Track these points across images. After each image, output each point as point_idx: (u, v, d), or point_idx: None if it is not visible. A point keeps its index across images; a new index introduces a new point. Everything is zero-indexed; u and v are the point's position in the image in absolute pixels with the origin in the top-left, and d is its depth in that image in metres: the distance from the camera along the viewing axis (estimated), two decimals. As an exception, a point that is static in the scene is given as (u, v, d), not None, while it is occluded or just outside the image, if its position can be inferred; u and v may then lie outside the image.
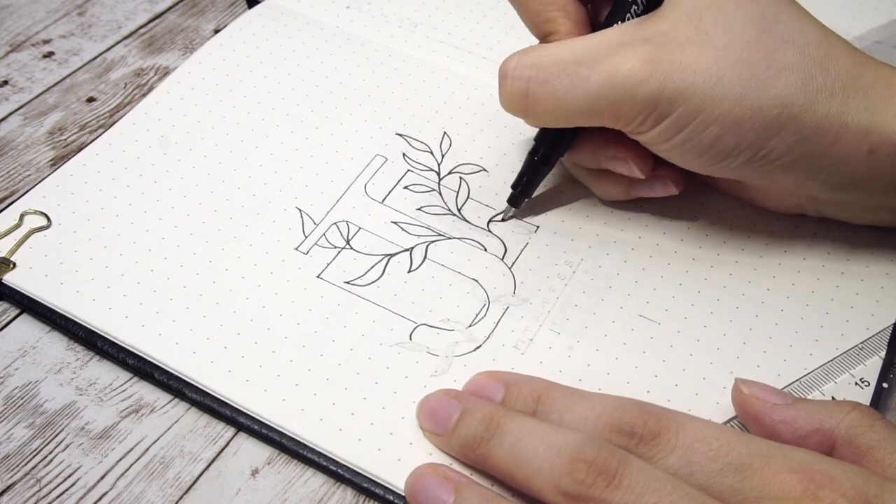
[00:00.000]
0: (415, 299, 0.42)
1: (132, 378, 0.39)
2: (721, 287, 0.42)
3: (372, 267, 0.43)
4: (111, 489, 0.36)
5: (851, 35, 0.54)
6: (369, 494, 0.36)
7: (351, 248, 0.43)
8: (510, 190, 0.46)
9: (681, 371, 0.39)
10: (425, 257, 0.43)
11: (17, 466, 0.36)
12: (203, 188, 0.45)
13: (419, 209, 0.45)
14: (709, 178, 0.45)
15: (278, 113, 0.49)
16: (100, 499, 0.36)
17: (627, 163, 0.42)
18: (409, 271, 0.43)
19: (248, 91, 0.50)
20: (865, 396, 0.38)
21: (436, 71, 0.52)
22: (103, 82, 0.52)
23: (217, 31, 0.54)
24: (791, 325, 0.41)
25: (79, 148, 0.47)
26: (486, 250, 0.44)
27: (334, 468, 0.36)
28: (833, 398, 0.38)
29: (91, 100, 0.51)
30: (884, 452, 0.32)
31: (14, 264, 0.42)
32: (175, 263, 0.42)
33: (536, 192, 0.46)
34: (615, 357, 0.40)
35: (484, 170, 0.47)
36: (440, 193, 0.46)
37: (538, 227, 0.45)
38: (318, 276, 0.42)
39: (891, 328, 0.41)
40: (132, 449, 0.37)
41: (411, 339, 0.40)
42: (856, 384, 0.39)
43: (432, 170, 0.47)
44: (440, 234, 0.44)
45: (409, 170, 0.47)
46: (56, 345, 0.40)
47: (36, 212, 0.44)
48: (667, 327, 0.41)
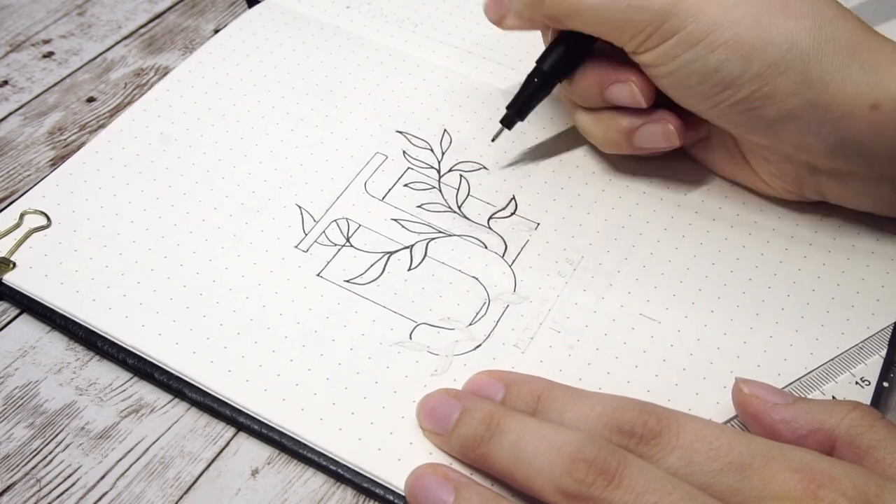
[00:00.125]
0: (415, 298, 0.42)
1: (132, 378, 0.39)
2: (722, 285, 0.42)
3: (372, 265, 0.43)
4: (111, 489, 0.36)
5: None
6: (369, 494, 0.36)
7: (351, 246, 0.43)
8: (510, 189, 0.46)
9: (681, 370, 0.39)
10: (425, 255, 0.43)
11: (17, 466, 0.36)
12: (203, 185, 0.45)
13: (419, 206, 0.45)
14: (706, 158, 0.46)
15: (278, 111, 0.49)
16: (100, 499, 0.36)
17: (631, 88, 0.43)
18: (410, 269, 0.43)
19: (248, 89, 0.50)
20: (866, 396, 0.38)
21: (436, 70, 0.52)
22: (103, 82, 0.52)
23: (217, 31, 0.54)
24: (792, 324, 0.41)
25: (79, 148, 0.47)
26: (487, 247, 0.44)
27: (334, 468, 0.36)
28: (833, 397, 0.38)
29: (91, 100, 0.51)
30: (884, 452, 0.32)
31: (14, 264, 0.42)
32: (175, 262, 0.42)
33: (538, 189, 0.46)
34: (615, 356, 0.40)
35: (484, 168, 0.47)
36: (440, 191, 0.46)
37: (539, 225, 0.45)
38: (318, 275, 0.42)
39: (891, 327, 0.41)
40: (132, 449, 0.37)
41: (411, 339, 0.40)
42: (856, 383, 0.39)
43: (432, 167, 0.47)
44: (440, 232, 0.44)
45: (410, 167, 0.47)
46: (56, 345, 0.40)
47: (36, 211, 0.44)
48: (667, 326, 0.41)
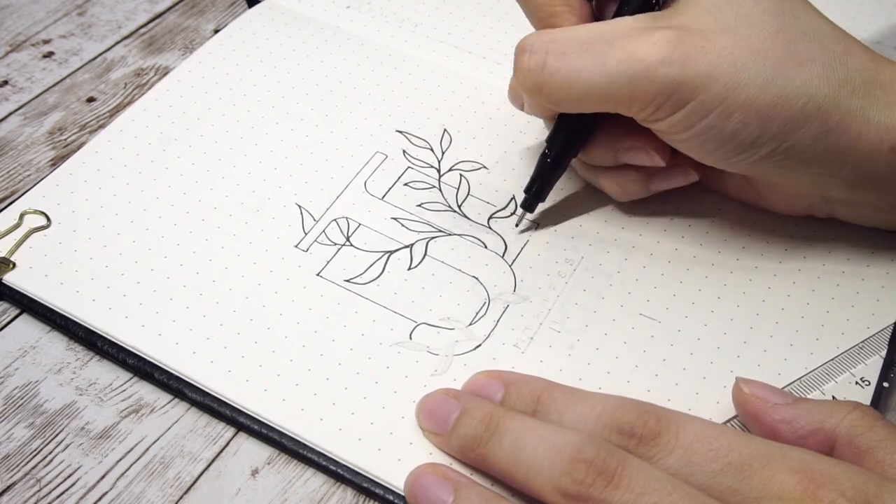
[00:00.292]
0: (415, 298, 0.41)
1: (132, 378, 0.39)
2: (722, 285, 0.42)
3: (372, 264, 0.43)
4: (111, 489, 0.36)
5: (851, 35, 0.54)
6: (369, 494, 0.36)
7: (351, 245, 0.43)
8: (510, 188, 0.46)
9: (681, 370, 0.39)
10: (425, 254, 0.43)
11: (17, 466, 0.36)
12: (203, 185, 0.45)
13: (419, 206, 0.45)
14: (716, 183, 0.45)
15: (278, 110, 0.49)
16: (100, 499, 0.36)
17: (647, 151, 0.41)
18: (410, 268, 0.43)
19: (248, 89, 0.50)
20: (866, 396, 0.38)
21: (436, 70, 0.52)
22: (103, 82, 0.52)
23: (217, 31, 0.54)
24: (792, 324, 0.41)
25: (79, 148, 0.47)
26: (487, 247, 0.44)
27: (334, 468, 0.36)
28: (834, 397, 0.38)
29: (91, 100, 0.51)
30: (884, 453, 0.32)
31: (14, 264, 0.42)
32: (175, 262, 0.42)
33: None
34: (616, 356, 0.40)
35: (484, 167, 0.47)
36: (440, 190, 0.46)
37: (538, 225, 0.45)
38: (318, 275, 0.42)
39: (891, 327, 0.41)
40: (132, 449, 0.37)
41: (411, 339, 0.40)
42: (856, 383, 0.39)
43: (432, 167, 0.47)
44: (440, 231, 0.44)
45: (410, 167, 0.47)
46: (56, 345, 0.40)
47: (36, 211, 0.44)
48: (667, 326, 0.41)
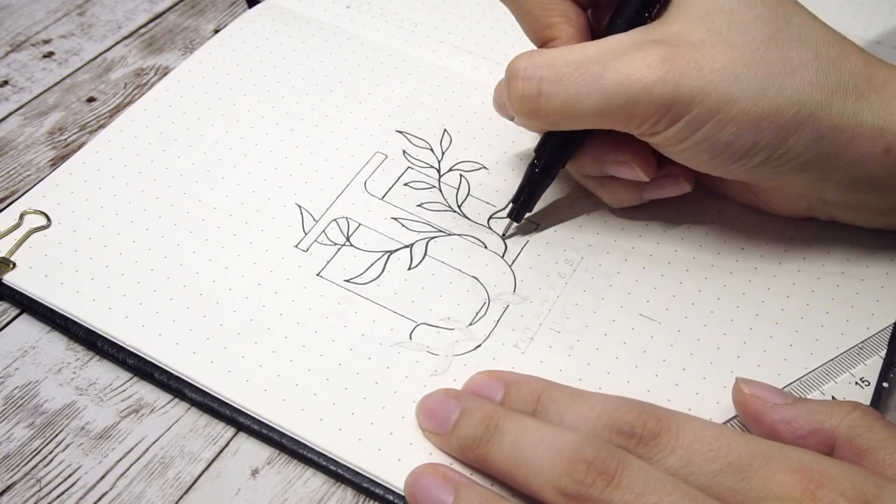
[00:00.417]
0: (415, 298, 0.42)
1: (132, 378, 0.39)
2: (721, 286, 0.42)
3: (372, 264, 0.43)
4: (111, 489, 0.36)
5: (851, 36, 0.53)
6: (369, 494, 0.36)
7: (351, 245, 0.43)
8: (510, 189, 0.46)
9: (681, 370, 0.39)
10: (425, 254, 0.43)
11: (17, 466, 0.37)
12: (203, 185, 0.45)
13: (419, 206, 0.45)
14: (716, 187, 0.45)
15: (278, 111, 0.49)
16: (100, 499, 0.36)
17: (631, 166, 0.41)
18: (409, 268, 0.43)
19: (248, 89, 0.50)
20: (866, 396, 0.38)
21: (436, 70, 0.52)
22: (103, 82, 0.52)
23: (217, 31, 0.54)
24: (791, 325, 0.41)
25: (79, 148, 0.47)
26: (487, 247, 0.44)
27: (334, 468, 0.36)
28: (833, 398, 0.38)
29: (91, 100, 0.51)
30: (884, 453, 0.32)
31: (14, 264, 0.42)
32: (175, 262, 0.42)
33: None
34: (615, 356, 0.40)
35: (484, 167, 0.47)
36: (440, 190, 0.46)
37: (538, 225, 0.45)
38: (318, 275, 0.42)
39: (891, 328, 0.41)
40: (132, 449, 0.37)
41: (411, 339, 0.40)
42: (856, 384, 0.39)
43: (432, 167, 0.47)
44: (440, 231, 0.44)
45: (410, 167, 0.47)
46: (56, 345, 0.40)
47: (36, 211, 0.44)
48: (667, 326, 0.41)
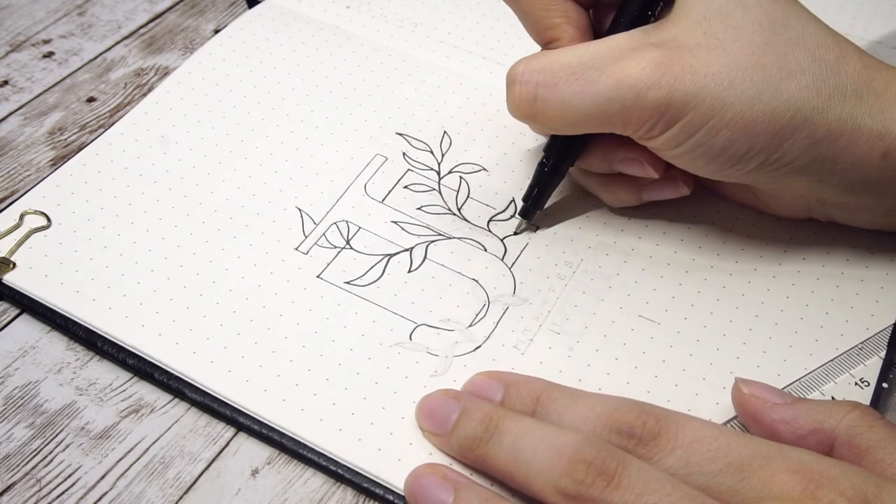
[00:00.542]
0: (415, 299, 0.42)
1: (132, 378, 0.39)
2: (721, 287, 0.42)
3: (372, 267, 0.43)
4: (111, 489, 0.36)
5: (851, 36, 0.54)
6: (369, 494, 0.36)
7: (351, 248, 0.43)
8: (510, 191, 0.46)
9: (680, 371, 0.39)
10: (425, 257, 0.43)
11: (17, 466, 0.37)
12: (203, 188, 0.45)
13: (419, 209, 0.45)
14: (716, 187, 0.45)
15: (278, 113, 0.49)
16: (100, 499, 0.36)
17: (641, 163, 0.41)
18: (409, 271, 0.43)
19: (248, 91, 0.50)
20: (865, 396, 0.38)
21: (436, 71, 0.52)
22: (103, 82, 0.52)
23: (217, 31, 0.54)
24: (791, 326, 0.41)
25: (79, 148, 0.47)
26: (486, 250, 0.44)
27: (334, 468, 0.36)
28: (833, 398, 0.38)
29: (91, 100, 0.51)
30: (883, 452, 0.32)
31: (14, 264, 0.42)
32: (175, 263, 0.42)
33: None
34: (615, 357, 0.40)
35: (484, 169, 0.47)
36: (440, 193, 0.46)
37: (538, 228, 0.45)
38: (318, 277, 0.42)
39: (890, 328, 0.41)
40: (132, 449, 0.37)
41: (411, 340, 0.40)
42: (856, 384, 0.39)
43: (432, 169, 0.47)
44: (440, 234, 0.44)
45: (410, 169, 0.47)
46: (56, 345, 0.40)
47: (36, 212, 0.44)
48: (666, 328, 0.41)
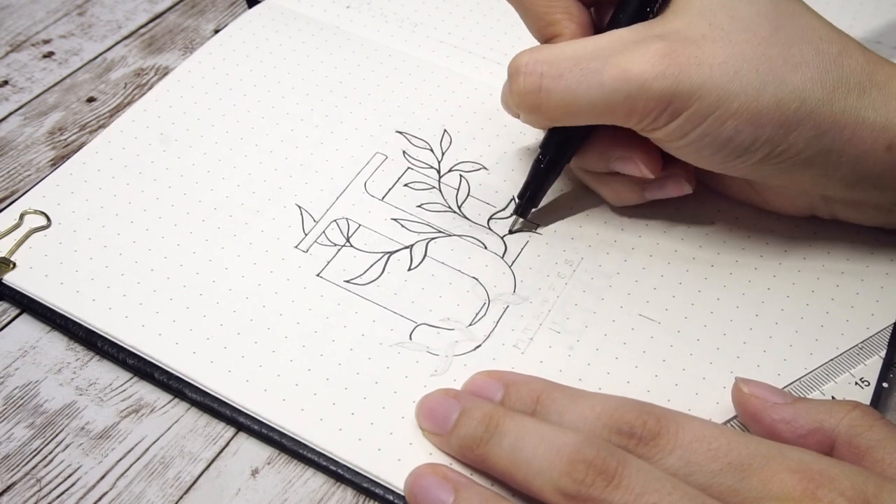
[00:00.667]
0: (415, 298, 0.42)
1: (132, 378, 0.39)
2: (721, 286, 0.42)
3: (372, 265, 0.43)
4: (111, 489, 0.36)
5: (851, 35, 0.54)
6: (369, 494, 0.36)
7: (351, 246, 0.43)
8: (510, 189, 0.46)
9: (681, 370, 0.39)
10: (425, 255, 0.43)
11: (17, 466, 0.37)
12: (203, 186, 0.45)
13: (419, 206, 0.45)
14: (718, 185, 0.45)
15: (278, 111, 0.49)
16: (100, 499, 0.36)
17: (636, 162, 0.41)
18: (409, 269, 0.43)
19: (248, 89, 0.50)
20: (865, 396, 0.38)
21: (436, 70, 0.52)
22: (103, 82, 0.52)
23: (217, 31, 0.54)
24: (791, 325, 0.41)
25: (79, 148, 0.47)
26: (487, 248, 0.44)
27: (334, 468, 0.36)
28: (833, 398, 0.38)
29: (91, 100, 0.51)
30: (883, 452, 0.32)
31: (14, 264, 0.42)
32: (175, 262, 0.42)
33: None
34: (615, 356, 0.40)
35: (484, 168, 0.47)
36: (440, 191, 0.46)
37: (538, 226, 0.45)
38: (318, 275, 0.42)
39: (891, 328, 0.41)
40: (132, 449, 0.37)
41: (411, 339, 0.40)
42: (856, 384, 0.39)
43: (432, 167, 0.47)
44: (440, 232, 0.44)
45: (410, 167, 0.47)
46: (56, 345, 0.40)
47: (36, 211, 0.44)
48: (667, 327, 0.41)
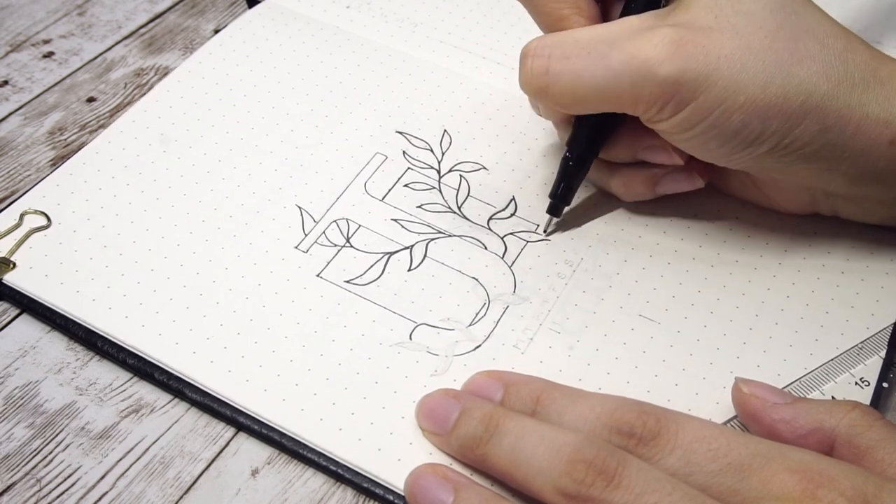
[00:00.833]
0: (415, 298, 0.42)
1: (132, 378, 0.39)
2: (721, 286, 0.42)
3: (372, 265, 0.43)
4: (111, 489, 0.36)
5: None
6: (369, 494, 0.36)
7: (351, 247, 0.43)
8: (510, 189, 0.46)
9: (681, 371, 0.39)
10: (425, 255, 0.43)
11: (17, 466, 0.37)
12: (203, 186, 0.45)
13: (419, 207, 0.45)
14: (720, 181, 0.45)
15: (278, 111, 0.49)
16: (100, 499, 0.36)
17: (667, 150, 0.42)
18: (410, 269, 0.43)
19: (248, 90, 0.50)
20: (865, 396, 0.38)
21: (436, 70, 0.52)
22: (103, 82, 0.52)
23: (217, 31, 0.54)
24: (791, 325, 0.41)
25: (79, 148, 0.47)
26: (487, 248, 0.44)
27: (334, 468, 0.36)
28: (833, 398, 0.38)
29: (91, 100, 0.51)
30: (883, 452, 0.32)
31: (14, 264, 0.42)
32: (175, 262, 0.42)
33: (538, 190, 0.46)
34: (615, 357, 0.40)
35: (484, 168, 0.47)
36: (440, 191, 0.46)
37: (538, 226, 0.45)
38: (318, 275, 0.42)
39: (891, 328, 0.41)
40: (132, 449, 0.37)
41: (411, 339, 0.40)
42: (856, 384, 0.39)
43: (432, 168, 0.47)
44: (440, 232, 0.44)
45: (410, 168, 0.47)
46: (56, 345, 0.40)
47: (36, 211, 0.44)
48: (667, 327, 0.41)
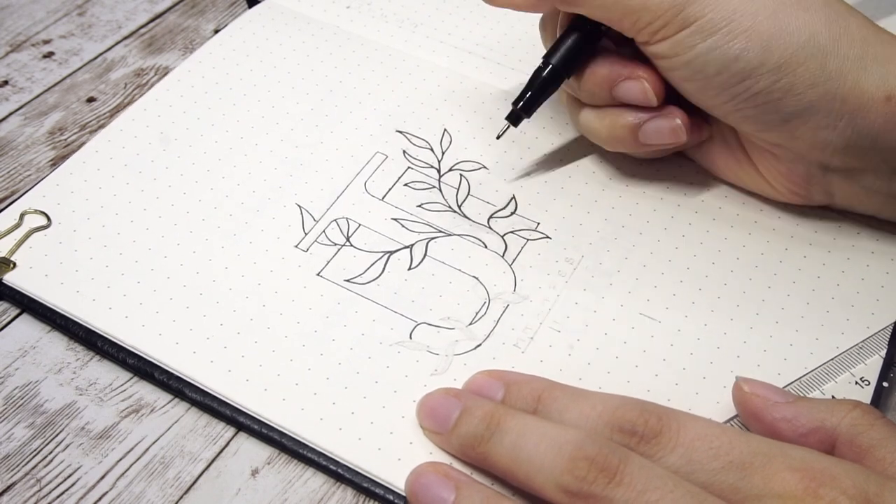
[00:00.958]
0: (415, 297, 0.41)
1: (132, 378, 0.39)
2: (722, 284, 0.42)
3: (372, 264, 0.43)
4: (111, 489, 0.36)
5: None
6: (369, 494, 0.36)
7: (351, 246, 0.43)
8: (510, 189, 0.46)
9: (681, 370, 0.39)
10: (425, 254, 0.43)
11: (17, 466, 0.36)
12: (203, 185, 0.45)
13: (419, 206, 0.45)
14: (709, 161, 0.45)
15: (278, 110, 0.49)
16: (100, 499, 0.36)
17: (641, 83, 0.42)
18: (410, 268, 0.43)
19: (248, 89, 0.50)
20: (866, 395, 0.38)
21: (436, 70, 0.52)
22: (103, 82, 0.52)
23: (217, 31, 0.54)
24: (792, 324, 0.41)
25: (79, 148, 0.47)
26: (487, 247, 0.44)
27: (334, 468, 0.36)
28: (833, 397, 0.38)
29: (91, 100, 0.51)
30: (884, 451, 0.32)
31: (14, 264, 0.42)
32: (175, 262, 0.42)
33: (538, 189, 0.46)
34: (616, 356, 0.40)
35: (484, 167, 0.47)
36: (440, 190, 0.46)
37: (538, 224, 0.45)
38: (318, 274, 0.42)
39: (891, 327, 0.40)
40: (132, 449, 0.37)
41: (411, 338, 0.40)
42: (856, 383, 0.39)
43: (432, 167, 0.47)
44: (440, 231, 0.44)
45: (410, 167, 0.47)
46: (56, 345, 0.40)
47: (36, 211, 0.44)
48: (667, 326, 0.41)
